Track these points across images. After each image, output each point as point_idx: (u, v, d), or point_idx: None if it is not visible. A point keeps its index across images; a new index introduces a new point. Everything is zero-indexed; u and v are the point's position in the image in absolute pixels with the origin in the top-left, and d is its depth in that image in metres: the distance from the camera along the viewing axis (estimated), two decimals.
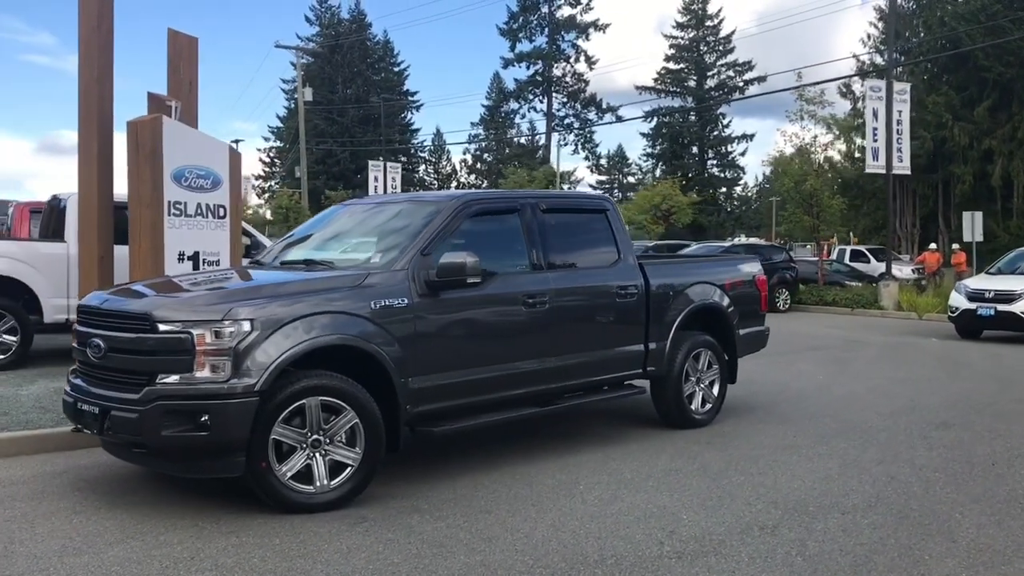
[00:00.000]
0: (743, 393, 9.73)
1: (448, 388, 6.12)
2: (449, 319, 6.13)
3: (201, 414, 5.11)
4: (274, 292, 5.62)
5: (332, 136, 72.57)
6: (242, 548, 4.82)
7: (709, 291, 8.13)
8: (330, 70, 73.80)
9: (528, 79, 71.19)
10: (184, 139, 9.24)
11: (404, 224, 6.47)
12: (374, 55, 77.62)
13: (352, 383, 5.55)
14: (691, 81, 71.65)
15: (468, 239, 6.48)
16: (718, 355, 8.16)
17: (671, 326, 7.68)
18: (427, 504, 5.66)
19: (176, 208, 9.05)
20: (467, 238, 6.48)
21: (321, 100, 72.03)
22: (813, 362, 12.74)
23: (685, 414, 7.84)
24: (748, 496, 5.85)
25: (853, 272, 28.64)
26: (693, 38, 71.19)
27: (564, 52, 71.04)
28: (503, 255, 6.78)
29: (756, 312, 8.72)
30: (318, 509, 5.43)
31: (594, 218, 7.46)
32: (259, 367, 5.19)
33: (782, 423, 8.21)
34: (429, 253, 6.06)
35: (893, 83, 22.95)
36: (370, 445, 5.59)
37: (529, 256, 6.74)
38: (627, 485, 6.11)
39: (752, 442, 7.41)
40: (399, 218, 6.64)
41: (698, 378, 7.99)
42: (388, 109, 74.12)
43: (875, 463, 6.73)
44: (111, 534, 5.05)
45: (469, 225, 6.51)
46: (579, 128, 73.02)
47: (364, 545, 4.89)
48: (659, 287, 7.60)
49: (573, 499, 5.78)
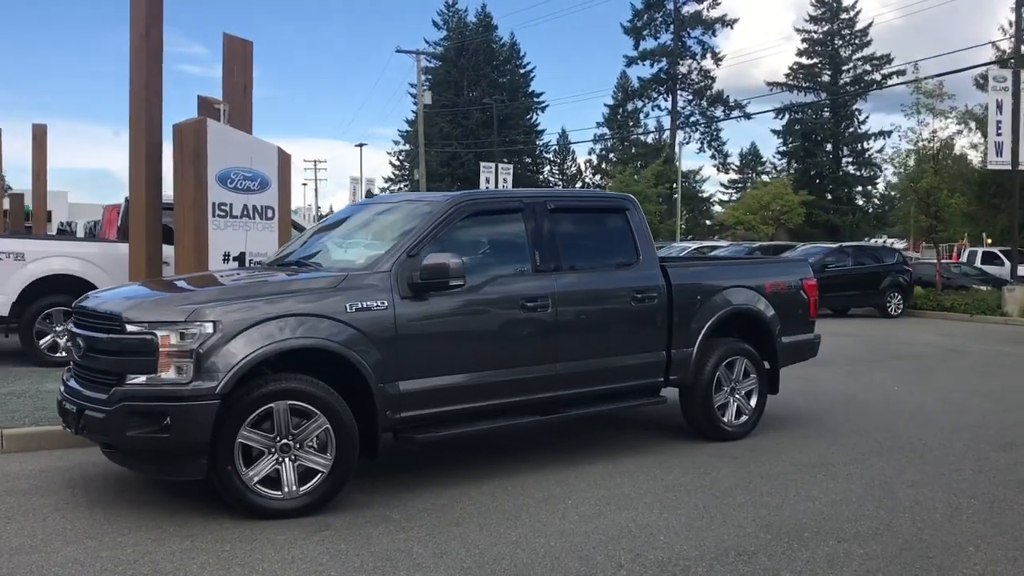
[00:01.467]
0: (800, 403, 9.19)
1: (437, 393, 5.93)
2: (436, 322, 5.93)
3: (163, 415, 5.08)
4: (244, 294, 5.55)
5: (457, 139, 73.46)
6: (189, 553, 4.76)
7: (745, 295, 7.65)
8: (456, 73, 74.74)
9: (652, 77, 70.13)
10: (230, 141, 9.38)
11: (398, 225, 6.32)
12: (499, 57, 78.12)
13: (324, 387, 5.43)
14: (825, 76, 69.07)
15: (462, 240, 6.29)
16: (756, 364, 7.66)
17: (698, 332, 7.25)
18: (400, 514, 5.48)
19: (221, 209, 9.19)
20: (461, 239, 6.29)
21: (447, 103, 73.15)
22: (895, 372, 11.91)
23: (715, 425, 7.39)
24: (744, 518, 5.42)
25: (983, 276, 26.85)
26: (827, 32, 68.55)
27: (690, 49, 69.69)
28: (501, 256, 6.55)
29: (803, 318, 8.15)
30: (286, 515, 5.33)
31: (612, 218, 7.12)
32: (221, 370, 5.13)
33: (825, 437, 7.65)
34: (416, 254, 5.87)
35: (1022, 73, 21.36)
36: (342, 452, 5.45)
37: (531, 258, 6.47)
38: (620, 501, 5.77)
39: (781, 457, 6.92)
40: (396, 219, 6.49)
41: (732, 388, 7.52)
42: (513, 110, 74.61)
43: (906, 485, 6.15)
44: (74, 533, 5.09)
45: (464, 226, 6.31)
46: (705, 126, 71.50)
47: (310, 555, 4.76)
48: (684, 291, 7.19)
49: (554, 514, 5.49)
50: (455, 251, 6.09)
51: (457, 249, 6.19)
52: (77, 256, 10.79)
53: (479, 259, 6.40)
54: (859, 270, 21.57)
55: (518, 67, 79.16)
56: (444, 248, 6.02)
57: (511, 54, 79.09)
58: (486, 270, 6.32)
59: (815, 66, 68.82)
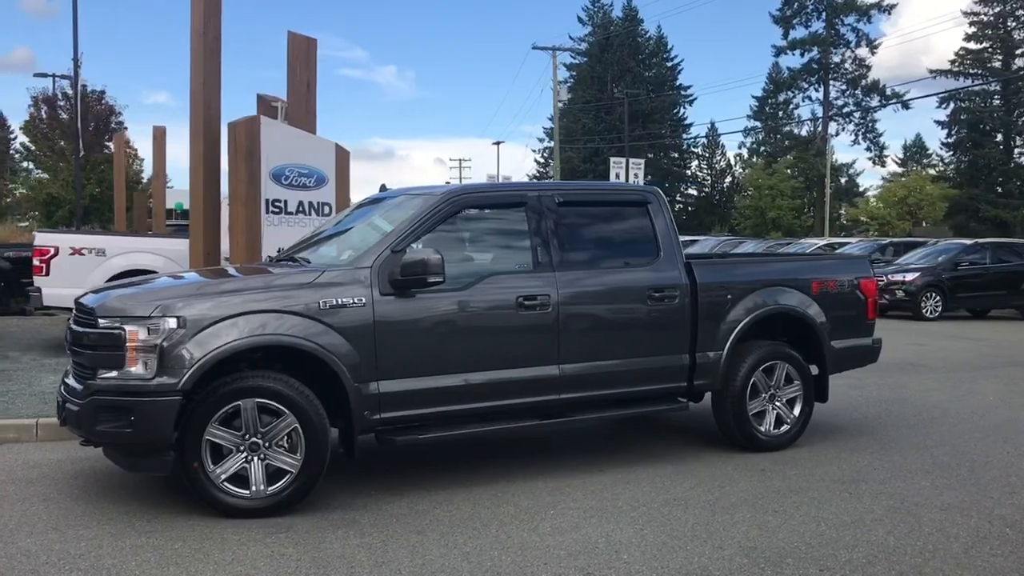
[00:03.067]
0: (869, 412, 8.51)
1: (423, 395, 5.72)
2: (421, 320, 5.72)
3: (128, 410, 5.10)
4: (213, 290, 5.51)
5: (600, 134, 72.88)
6: (136, 550, 4.74)
7: (786, 295, 7.07)
8: (600, 69, 74.20)
9: (803, 67, 67.31)
10: (286, 138, 9.47)
11: (390, 220, 6.14)
12: (645, 51, 77.02)
13: (294, 385, 5.32)
14: (995, 61, 64.52)
15: (456, 236, 6.07)
16: (800, 369, 7.06)
17: (729, 334, 6.75)
18: (369, 518, 5.31)
19: (275, 206, 9.29)
20: (455, 235, 6.07)
21: (590, 99, 72.72)
22: (1003, 382, 10.80)
23: (749, 435, 6.86)
24: (729, 538, 4.97)
25: None
26: (999, 14, 64.01)
27: (843, 37, 66.46)
28: (499, 252, 6.28)
29: (858, 321, 7.46)
30: (254, 515, 5.25)
31: (630, 212, 6.71)
32: (183, 366, 5.10)
33: (875, 451, 6.98)
34: (401, 250, 5.68)
35: None
36: (311, 452, 5.33)
37: (533, 253, 6.16)
38: (607, 513, 5.41)
39: (814, 472, 6.35)
40: (391, 213, 6.31)
41: (771, 395, 6.97)
42: (658, 105, 73.46)
43: (938, 509, 5.51)
44: (43, 524, 5.17)
45: (460, 221, 6.08)
46: (860, 117, 68.03)
47: (250, 557, 4.65)
48: (711, 290, 6.70)
49: (524, 526, 5.18)
50: (448, 247, 5.89)
51: (451, 245, 5.99)
52: (154, 251, 11.19)
53: (474, 255, 6.17)
54: (999, 268, 19.90)
55: (665, 60, 77.77)
56: (437, 244, 5.81)
57: (657, 48, 77.80)
58: (481, 266, 6.07)
59: (984, 51, 64.35)
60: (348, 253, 5.94)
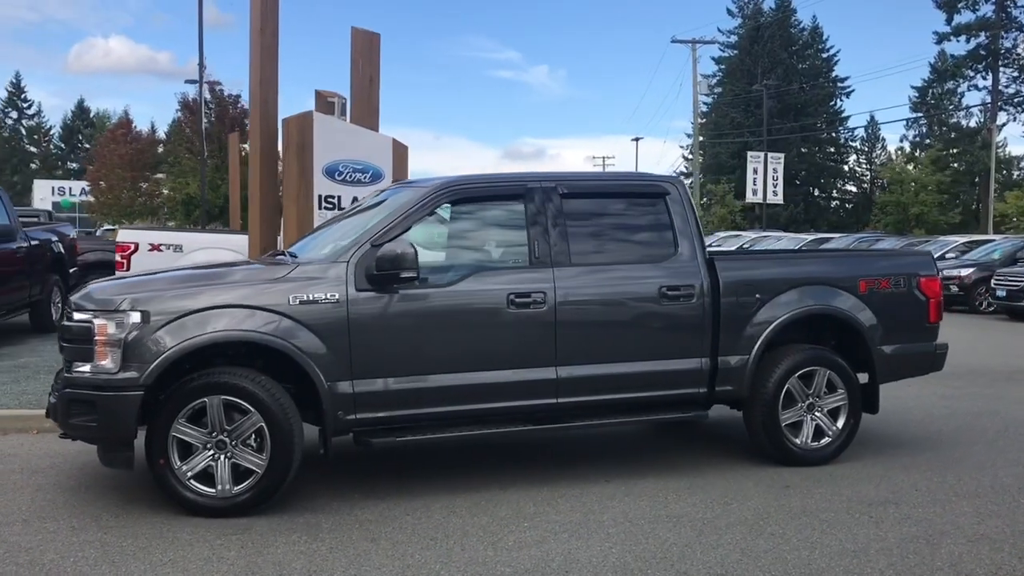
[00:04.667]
0: (953, 426, 7.70)
1: (402, 396, 5.47)
2: (400, 318, 5.46)
3: (93, 404, 5.08)
4: (187, 285, 5.41)
5: (748, 128, 70.64)
6: (83, 546, 4.71)
7: (827, 294, 6.41)
8: (749, 62, 71.94)
9: (969, 53, 63.03)
10: (340, 134, 9.43)
11: (380, 212, 5.90)
12: (798, 42, 74.13)
13: (262, 383, 5.17)
14: None
15: (448, 229, 5.79)
16: (845, 377, 6.40)
17: (757, 337, 6.17)
18: (331, 522, 5.11)
19: (328, 202, 9.26)
20: (447, 227, 5.79)
21: (740, 92, 70.66)
22: None
23: (781, 447, 6.27)
24: (697, 564, 4.49)
25: None
26: None
27: (1015, 20, 61.87)
28: (493, 247, 5.95)
29: (918, 324, 6.69)
30: (219, 514, 5.14)
31: (646, 204, 6.22)
32: (146, 360, 5.03)
33: (927, 469, 6.25)
34: (381, 244, 5.45)
35: None
36: (277, 452, 5.17)
37: (530, 248, 5.79)
38: (581, 529, 5.00)
39: (839, 491, 5.72)
40: (385, 206, 6.07)
41: (810, 404, 6.34)
42: (812, 97, 70.68)
43: (967, 540, 4.82)
44: (17, 514, 5.21)
45: (451, 213, 5.79)
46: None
47: (191, 557, 4.54)
48: (735, 288, 6.15)
49: (487, 540, 4.85)
50: (436, 241, 5.64)
51: (440, 239, 5.73)
52: (227, 247, 11.42)
53: (465, 249, 5.86)
54: None
55: (820, 51, 74.61)
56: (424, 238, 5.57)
57: (812, 38, 74.71)
58: (471, 261, 5.77)
59: None
60: (330, 247, 5.75)
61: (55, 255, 12.37)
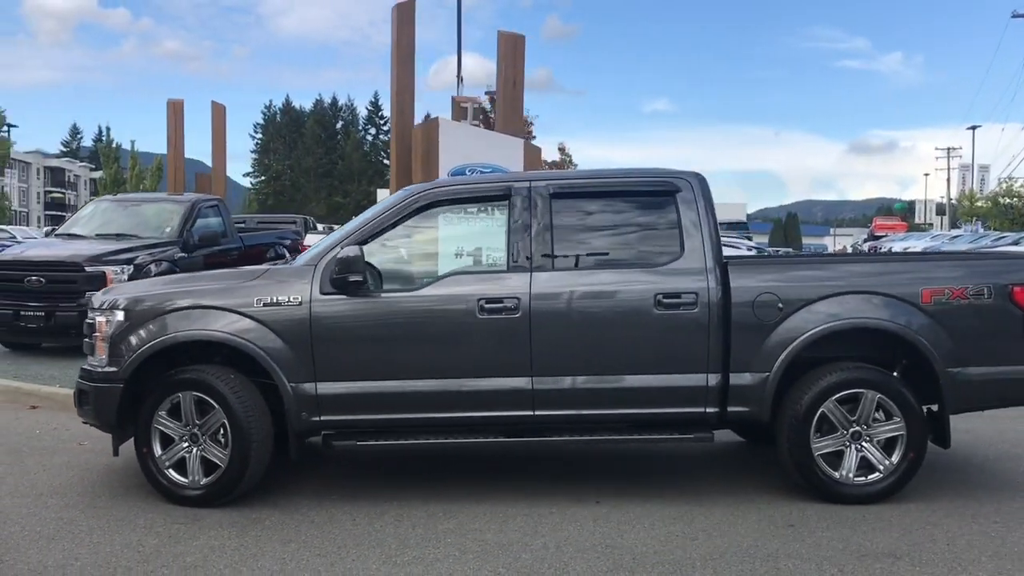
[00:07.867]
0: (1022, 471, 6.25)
1: (366, 399, 5.44)
2: (362, 321, 5.43)
3: (87, 395, 5.60)
4: (173, 286, 5.75)
5: None
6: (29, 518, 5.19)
7: (873, 305, 5.44)
8: None
9: None
10: (466, 138, 9.57)
11: (360, 218, 5.93)
12: None
13: (228, 381, 5.39)
14: None
15: (427, 232, 5.71)
16: (901, 402, 5.41)
17: (779, 352, 5.40)
18: (295, 522, 5.19)
19: None
20: (425, 231, 5.71)
21: None
22: None
23: (813, 479, 5.43)
24: None
25: None
26: None
27: None
28: (472, 250, 5.73)
29: (1008, 342, 5.47)
30: (192, 503, 5.44)
31: (651, 203, 5.65)
32: (125, 357, 5.45)
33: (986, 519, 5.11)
34: None
35: None
36: (236, 448, 5.36)
37: (508, 251, 5.50)
38: (498, 551, 4.69)
39: (849, 538, 4.86)
40: (368, 211, 6.06)
41: (855, 432, 5.44)
42: None
43: None
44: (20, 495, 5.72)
45: (432, 217, 5.69)
46: None
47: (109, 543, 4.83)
48: (750, 296, 5.43)
49: (392, 554, 4.69)
50: (414, 245, 5.59)
51: (417, 243, 5.67)
52: None
53: (440, 253, 5.71)
54: None
55: None
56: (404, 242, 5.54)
57: None
58: (443, 265, 5.60)
59: None
60: (312, 252, 5.85)
61: (276, 255, 13.65)
